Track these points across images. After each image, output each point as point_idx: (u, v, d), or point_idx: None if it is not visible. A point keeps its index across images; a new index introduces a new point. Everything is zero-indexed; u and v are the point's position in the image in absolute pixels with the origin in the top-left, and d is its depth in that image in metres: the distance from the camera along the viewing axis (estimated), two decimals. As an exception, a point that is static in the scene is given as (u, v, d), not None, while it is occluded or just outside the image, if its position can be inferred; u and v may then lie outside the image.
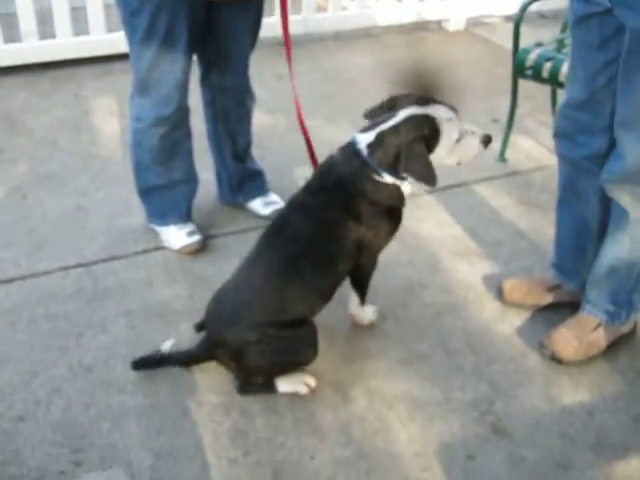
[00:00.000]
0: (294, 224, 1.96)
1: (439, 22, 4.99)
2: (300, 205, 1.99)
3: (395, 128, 1.89)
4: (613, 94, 1.88)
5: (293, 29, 4.61)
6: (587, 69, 1.94)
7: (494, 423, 1.95)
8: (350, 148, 1.96)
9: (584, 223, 2.18)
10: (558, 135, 2.13)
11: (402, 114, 1.91)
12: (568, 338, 2.13)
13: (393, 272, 2.51)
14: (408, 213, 2.80)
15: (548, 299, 2.33)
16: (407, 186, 2.00)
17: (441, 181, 3.04)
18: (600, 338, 2.16)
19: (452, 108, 1.96)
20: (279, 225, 2.01)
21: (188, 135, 2.48)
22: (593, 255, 2.15)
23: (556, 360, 2.14)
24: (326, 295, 2.02)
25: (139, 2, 2.11)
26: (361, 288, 2.19)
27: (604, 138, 1.97)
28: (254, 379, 1.97)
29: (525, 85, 3.15)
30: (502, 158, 3.29)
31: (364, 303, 2.23)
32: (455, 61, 4.38)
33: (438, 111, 1.92)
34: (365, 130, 1.97)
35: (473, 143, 1.97)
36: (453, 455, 1.86)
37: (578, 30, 1.93)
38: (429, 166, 1.88)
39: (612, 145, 1.94)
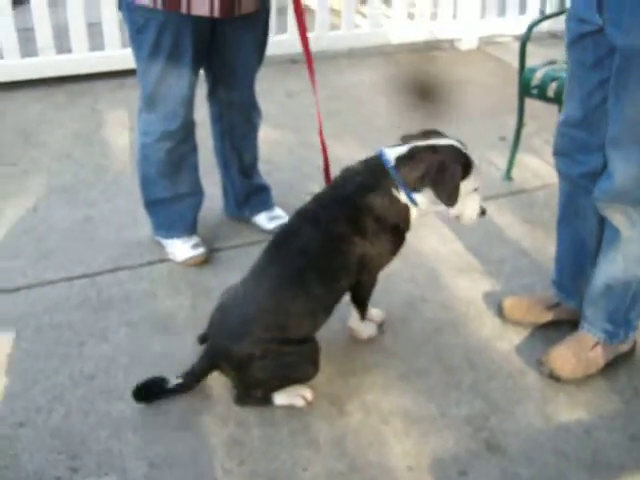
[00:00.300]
0: (302, 236, 1.99)
1: (451, 41, 5.03)
2: (309, 216, 2.01)
3: (433, 148, 1.96)
4: (608, 113, 1.90)
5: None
6: (583, 88, 1.96)
7: (488, 439, 1.96)
8: (374, 160, 2.01)
9: (583, 241, 2.19)
10: (557, 153, 2.15)
11: (443, 141, 1.99)
12: (566, 356, 2.13)
13: (394, 287, 2.53)
14: (412, 229, 2.83)
15: (548, 317, 2.34)
16: (415, 211, 2.04)
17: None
18: (598, 356, 2.16)
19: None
20: (286, 236, 2.04)
21: (194, 149, 2.53)
22: (592, 273, 2.16)
23: (554, 378, 2.14)
24: (328, 309, 2.05)
25: (145, 19, 2.17)
26: (361, 304, 2.21)
27: (601, 156, 1.98)
28: (253, 392, 1.99)
29: (533, 104, 3.17)
30: (508, 176, 3.31)
31: (364, 319, 2.25)
32: (466, 80, 4.42)
33: (471, 155, 2.02)
34: (396, 145, 2.02)
35: (476, 205, 2.09)
36: (445, 470, 1.87)
37: (574, 49, 1.96)
38: (457, 188, 1.95)
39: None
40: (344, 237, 1.97)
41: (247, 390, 1.99)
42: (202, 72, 2.46)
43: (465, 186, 2.00)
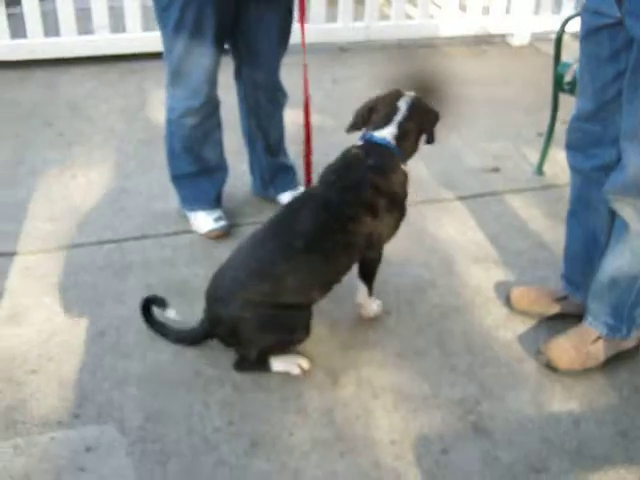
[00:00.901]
0: (306, 217, 2.05)
1: (503, 36, 5.00)
2: (318, 199, 2.08)
3: (409, 114, 2.11)
4: (622, 106, 1.90)
5: (356, 35, 4.76)
6: (596, 81, 1.96)
7: (475, 422, 1.99)
8: (376, 145, 2.09)
9: (593, 235, 2.19)
10: (569, 147, 2.15)
11: (404, 103, 2.12)
12: (565, 347, 2.15)
13: (406, 271, 2.58)
14: (433, 216, 2.88)
15: (555, 309, 2.35)
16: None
17: (473, 189, 3.12)
18: (599, 351, 2.16)
19: None
20: (290, 214, 2.11)
21: (218, 126, 2.62)
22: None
23: (551, 368, 2.16)
24: (327, 286, 2.12)
25: (168, -2, 2.27)
26: (369, 280, 2.27)
27: (614, 149, 1.98)
28: (248, 354, 2.07)
29: (572, 100, 3.15)
30: (540, 171, 3.30)
31: (372, 294, 2.30)
32: (513, 75, 4.39)
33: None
34: (379, 127, 2.08)
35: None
36: (428, 447, 1.91)
37: (587, 43, 1.96)
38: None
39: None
40: (354, 218, 2.04)
41: (241, 351, 2.08)
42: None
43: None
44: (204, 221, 2.70)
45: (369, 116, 2.16)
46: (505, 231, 2.86)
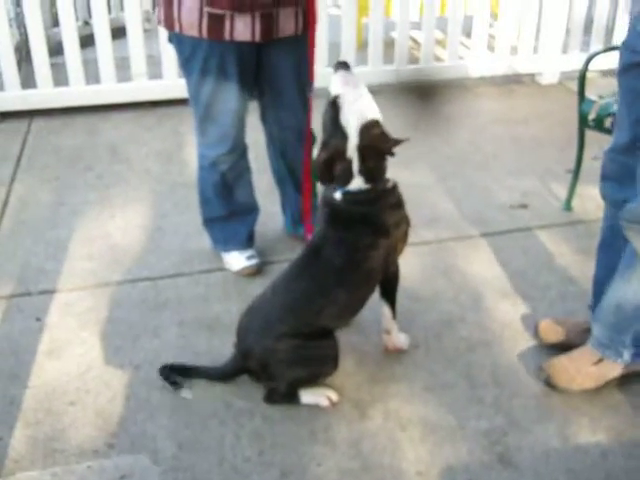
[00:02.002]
0: (327, 251, 2.12)
1: (532, 75, 5.06)
2: (330, 238, 2.14)
3: (363, 157, 2.06)
4: None
5: (386, 78, 4.86)
6: (632, 114, 2.01)
7: (502, 453, 2.01)
8: (355, 194, 2.09)
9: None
10: (604, 178, 2.17)
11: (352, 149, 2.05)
12: (566, 367, 2.18)
13: (435, 306, 2.62)
14: (462, 253, 2.91)
15: (582, 340, 2.36)
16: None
17: (501, 225, 3.15)
18: (600, 372, 2.18)
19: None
20: (313, 250, 2.18)
21: (247, 169, 2.72)
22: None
23: (550, 385, 2.20)
24: (354, 312, 2.19)
25: (191, 48, 2.37)
26: (391, 298, 2.30)
27: None
28: (278, 387, 2.13)
29: (604, 137, 3.19)
30: (568, 207, 3.32)
31: (396, 316, 2.33)
32: (542, 113, 4.44)
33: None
34: (347, 183, 2.09)
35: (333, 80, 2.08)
36: (454, 478, 1.94)
37: (625, 77, 2.01)
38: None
39: None
40: (370, 245, 2.10)
41: (271, 385, 2.13)
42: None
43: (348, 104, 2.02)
44: (237, 259, 2.78)
45: (330, 171, 2.07)
46: (533, 266, 2.88)
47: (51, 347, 2.41)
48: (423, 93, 4.37)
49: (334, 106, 2.02)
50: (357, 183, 2.08)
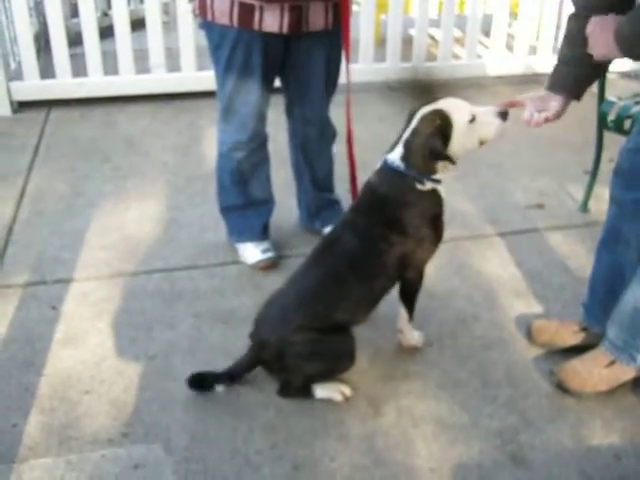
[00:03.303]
0: (342, 241, 2.15)
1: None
2: (348, 224, 2.17)
3: (414, 131, 2.07)
4: None
5: (403, 75, 4.86)
6: None
7: (514, 452, 2.01)
8: (385, 168, 2.14)
9: (620, 269, 2.20)
10: (617, 173, 2.16)
11: (416, 118, 2.09)
12: (578, 370, 2.17)
13: (449, 304, 2.62)
14: (477, 251, 2.91)
15: (575, 341, 2.35)
16: (442, 189, 2.15)
17: (517, 225, 3.14)
18: (612, 375, 2.17)
19: (461, 100, 2.12)
20: (329, 241, 2.21)
21: (266, 160, 2.73)
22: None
23: (562, 389, 2.19)
24: (368, 307, 2.18)
25: (220, 37, 2.40)
26: (409, 302, 2.30)
27: None
28: (293, 380, 2.13)
29: (618, 138, 3.17)
30: (584, 208, 3.31)
31: (412, 319, 2.34)
32: (559, 113, 4.41)
33: (445, 103, 2.09)
34: (392, 148, 2.14)
35: (488, 120, 2.12)
36: (466, 475, 1.93)
37: None
38: (439, 151, 2.06)
39: None
40: (382, 238, 2.10)
41: (287, 379, 2.13)
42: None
43: (459, 128, 2.07)
44: (252, 252, 2.79)
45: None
46: (548, 266, 2.87)
47: (66, 336, 2.42)
48: (423, 91, 4.38)
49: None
50: (396, 153, 2.11)
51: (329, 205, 2.96)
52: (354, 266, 2.11)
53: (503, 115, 2.13)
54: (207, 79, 4.26)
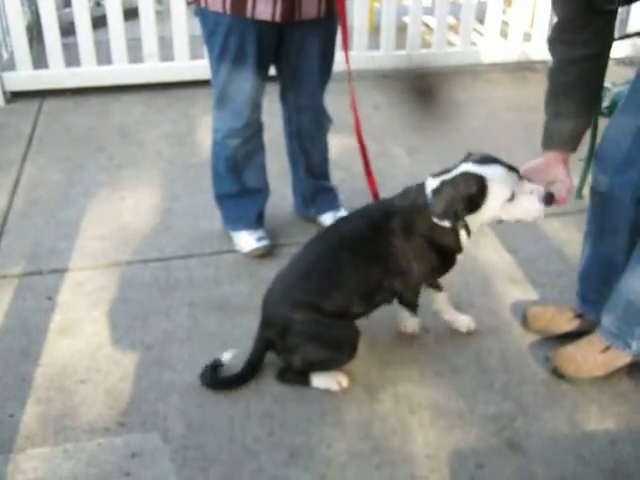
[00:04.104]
0: (351, 227, 2.18)
1: (545, 62, 5.02)
2: (364, 215, 2.19)
3: (452, 181, 2.05)
4: None
5: (397, 63, 4.84)
6: None
7: (511, 438, 2.01)
8: (421, 189, 2.12)
9: (609, 258, 2.20)
10: (598, 160, 2.16)
11: (460, 169, 2.06)
12: (573, 355, 2.18)
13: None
14: (472, 238, 2.90)
15: (570, 327, 2.36)
16: (464, 233, 2.13)
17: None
18: (608, 360, 2.17)
19: (512, 168, 2.06)
20: (338, 224, 2.26)
21: (261, 148, 2.72)
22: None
23: (557, 375, 2.20)
24: (364, 298, 2.17)
25: (213, 24, 2.39)
26: (408, 307, 2.30)
27: None
28: (293, 362, 2.12)
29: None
30: (579, 195, 3.29)
31: (415, 315, 2.34)
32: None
33: (491, 170, 2.03)
34: (436, 175, 2.11)
35: (530, 203, 2.06)
36: (463, 462, 1.94)
37: None
38: (458, 214, 2.03)
39: None
40: (387, 242, 2.11)
41: (288, 361, 2.13)
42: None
43: (494, 203, 2.04)
44: (247, 241, 2.79)
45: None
46: (543, 253, 2.88)
47: (62, 326, 2.42)
48: (418, 82, 4.37)
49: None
50: (430, 183, 2.09)
51: (324, 192, 2.96)
52: (355, 248, 2.13)
53: (548, 200, 2.05)
54: (201, 68, 4.25)
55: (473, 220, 2.10)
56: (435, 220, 2.07)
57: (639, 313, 2.08)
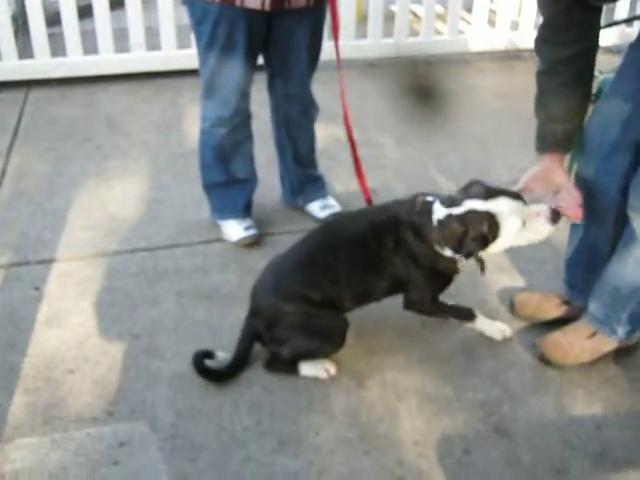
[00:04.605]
0: (350, 226, 2.17)
1: (533, 51, 5.01)
2: (367, 217, 2.18)
3: (459, 218, 2.01)
4: None
5: (385, 52, 4.83)
6: (633, 85, 1.99)
7: (497, 423, 2.03)
8: (428, 214, 2.08)
9: (594, 245, 2.22)
10: (584, 145, 2.16)
11: (467, 205, 2.00)
12: (560, 342, 2.20)
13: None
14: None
15: (557, 314, 2.37)
16: (463, 261, 2.11)
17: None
18: (594, 346, 2.20)
19: (517, 197, 2.05)
20: (340, 221, 2.26)
21: (249, 138, 2.71)
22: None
23: (544, 361, 2.22)
24: (359, 298, 2.18)
25: (202, 12, 2.38)
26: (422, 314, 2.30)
27: (628, 156, 2.01)
28: (281, 353, 2.13)
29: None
30: (566, 182, 3.31)
31: (458, 318, 2.33)
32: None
33: (499, 205, 2.00)
34: (444, 203, 2.06)
35: (540, 225, 2.05)
36: (450, 447, 1.95)
37: (635, 49, 2.01)
38: (474, 252, 2.02)
39: (636, 167, 1.99)
40: (386, 252, 2.11)
41: (276, 351, 2.13)
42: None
43: (507, 235, 2.03)
44: (235, 230, 2.78)
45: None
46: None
47: (49, 316, 2.41)
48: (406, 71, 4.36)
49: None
50: (440, 213, 2.04)
51: (312, 181, 2.96)
52: (351, 249, 2.13)
53: (555, 218, 2.05)
54: (188, 57, 4.24)
55: (485, 252, 2.08)
56: (437, 247, 2.06)
57: (625, 300, 2.09)
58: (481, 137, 3.76)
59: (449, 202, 2.05)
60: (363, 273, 2.14)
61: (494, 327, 2.33)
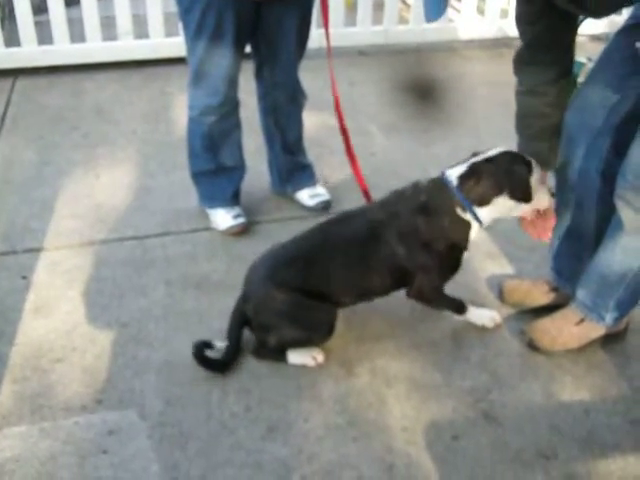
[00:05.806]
0: (353, 223, 2.16)
1: (522, 39, 5.02)
2: (369, 214, 2.16)
3: (492, 159, 2.03)
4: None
5: (374, 39, 4.81)
6: (618, 70, 1.99)
7: (486, 410, 2.04)
8: (439, 180, 2.09)
9: (578, 231, 2.22)
10: (566, 129, 2.15)
11: (495, 151, 2.05)
12: (548, 328, 2.21)
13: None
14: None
15: (546, 300, 2.38)
16: (476, 228, 2.12)
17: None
18: (582, 332, 2.21)
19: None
20: (341, 219, 2.21)
21: (237, 126, 2.70)
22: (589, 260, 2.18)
23: (532, 347, 2.23)
24: (356, 294, 2.19)
25: (190, 1, 2.35)
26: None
27: (608, 140, 2.01)
28: (268, 340, 2.12)
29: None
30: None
31: (457, 313, 2.32)
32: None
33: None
34: (455, 165, 2.09)
35: (542, 194, 2.13)
36: (439, 433, 1.96)
37: (622, 35, 2.00)
38: (529, 185, 2.05)
39: (616, 151, 1.99)
40: (388, 242, 2.09)
41: (263, 338, 2.13)
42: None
43: (533, 181, 2.08)
44: (223, 218, 2.77)
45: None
46: (517, 227, 2.88)
47: (37, 305, 2.40)
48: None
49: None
50: (456, 170, 2.08)
51: (300, 169, 2.95)
52: (349, 246, 2.11)
53: (552, 194, 2.19)
54: (176, 45, 4.20)
55: (490, 212, 2.09)
56: (458, 210, 2.06)
57: (613, 287, 2.10)
58: (471, 125, 3.76)
59: (461, 162, 2.10)
60: (364, 272, 2.14)
61: (484, 316, 2.33)
